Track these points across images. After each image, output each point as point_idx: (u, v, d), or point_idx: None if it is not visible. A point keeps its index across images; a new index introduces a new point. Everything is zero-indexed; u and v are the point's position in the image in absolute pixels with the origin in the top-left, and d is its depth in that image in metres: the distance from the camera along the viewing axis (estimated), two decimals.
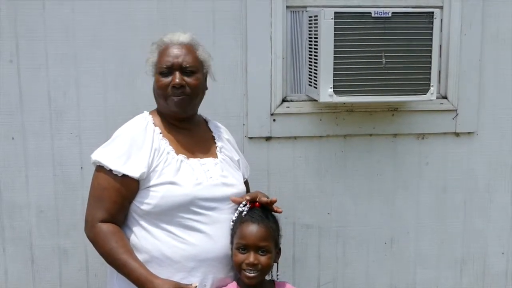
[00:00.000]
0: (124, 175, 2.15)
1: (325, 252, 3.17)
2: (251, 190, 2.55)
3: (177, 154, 2.23)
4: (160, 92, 2.24)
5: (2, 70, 2.81)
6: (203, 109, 2.44)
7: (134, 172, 2.15)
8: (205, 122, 2.48)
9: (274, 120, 3.01)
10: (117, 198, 2.16)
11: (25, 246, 2.95)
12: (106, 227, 2.15)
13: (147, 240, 2.17)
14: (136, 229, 2.20)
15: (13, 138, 2.87)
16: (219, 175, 2.26)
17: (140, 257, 2.16)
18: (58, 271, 2.99)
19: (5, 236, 2.93)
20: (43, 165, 2.89)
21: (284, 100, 3.04)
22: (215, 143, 2.39)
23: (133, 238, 2.20)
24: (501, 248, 3.30)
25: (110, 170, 2.15)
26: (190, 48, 2.28)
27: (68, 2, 2.80)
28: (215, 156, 2.34)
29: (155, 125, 2.26)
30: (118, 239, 2.14)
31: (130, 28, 2.85)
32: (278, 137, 3.04)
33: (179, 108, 2.24)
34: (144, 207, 2.17)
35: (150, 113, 2.33)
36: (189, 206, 2.15)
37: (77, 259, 2.98)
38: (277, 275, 2.33)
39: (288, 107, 3.02)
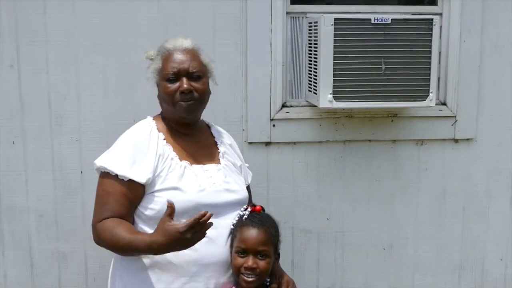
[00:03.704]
0: (130, 180, 2.14)
1: (324, 258, 3.18)
2: (252, 195, 2.56)
3: (181, 160, 2.23)
4: (168, 98, 2.23)
5: (2, 74, 2.82)
6: (203, 114, 2.44)
7: (140, 177, 2.14)
8: (208, 127, 2.48)
9: (273, 125, 3.01)
10: (123, 201, 2.15)
11: (24, 250, 2.95)
12: (106, 221, 2.13)
13: None
14: None
15: (13, 142, 2.87)
16: (222, 181, 2.26)
17: (143, 261, 2.16)
18: (57, 275, 2.99)
19: (5, 240, 2.93)
20: (43, 170, 2.90)
21: (283, 106, 3.04)
22: (218, 149, 2.39)
23: None
24: (499, 254, 3.31)
25: (116, 175, 2.14)
26: (194, 53, 2.28)
27: (69, 7, 2.81)
28: (218, 162, 2.34)
29: (159, 131, 2.26)
30: (116, 224, 2.10)
31: (130, 33, 2.86)
32: (278, 143, 3.05)
33: (188, 114, 2.24)
34: (148, 212, 2.17)
35: (154, 118, 2.32)
36: (192, 212, 2.14)
37: (76, 263, 2.98)
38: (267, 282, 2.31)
39: (288, 112, 3.03)
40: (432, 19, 2.80)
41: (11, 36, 2.80)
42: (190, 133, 2.32)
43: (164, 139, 2.25)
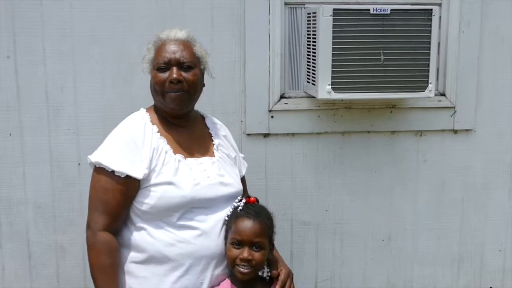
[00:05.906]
0: (127, 176, 2.12)
1: (322, 249, 3.18)
2: (248, 187, 2.56)
3: (175, 153, 2.21)
4: (158, 88, 2.21)
5: None
6: (201, 106, 2.43)
7: (137, 173, 2.12)
8: (202, 118, 2.45)
9: (272, 116, 3.00)
10: (121, 199, 2.13)
11: (22, 242, 2.94)
12: (107, 240, 2.13)
13: (145, 239, 2.15)
14: (133, 228, 2.19)
15: (10, 134, 2.86)
16: (216, 174, 2.25)
17: (139, 256, 2.16)
18: (55, 267, 2.99)
19: (2, 232, 2.92)
20: (40, 161, 2.89)
21: (282, 97, 3.03)
22: (212, 141, 2.37)
23: (130, 237, 2.18)
24: (498, 245, 3.31)
25: (113, 172, 2.12)
26: (187, 44, 2.26)
27: None
28: (212, 154, 2.32)
29: (153, 123, 2.24)
30: (112, 260, 2.13)
31: (128, 25, 2.85)
32: (276, 134, 3.04)
33: (177, 105, 2.22)
34: (143, 207, 2.15)
35: (147, 110, 2.30)
36: (186, 206, 2.15)
37: (74, 255, 2.98)
38: (267, 272, 2.30)
39: (286, 103, 3.02)
40: (431, 10, 2.79)
41: (8, 27, 2.78)
42: (183, 125, 2.30)
43: (158, 132, 2.22)
